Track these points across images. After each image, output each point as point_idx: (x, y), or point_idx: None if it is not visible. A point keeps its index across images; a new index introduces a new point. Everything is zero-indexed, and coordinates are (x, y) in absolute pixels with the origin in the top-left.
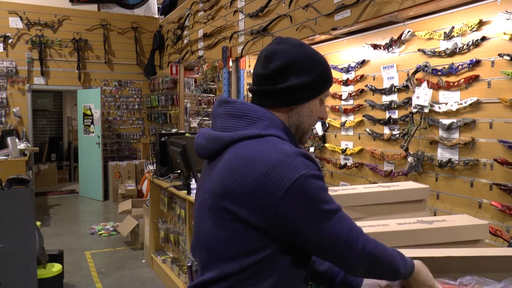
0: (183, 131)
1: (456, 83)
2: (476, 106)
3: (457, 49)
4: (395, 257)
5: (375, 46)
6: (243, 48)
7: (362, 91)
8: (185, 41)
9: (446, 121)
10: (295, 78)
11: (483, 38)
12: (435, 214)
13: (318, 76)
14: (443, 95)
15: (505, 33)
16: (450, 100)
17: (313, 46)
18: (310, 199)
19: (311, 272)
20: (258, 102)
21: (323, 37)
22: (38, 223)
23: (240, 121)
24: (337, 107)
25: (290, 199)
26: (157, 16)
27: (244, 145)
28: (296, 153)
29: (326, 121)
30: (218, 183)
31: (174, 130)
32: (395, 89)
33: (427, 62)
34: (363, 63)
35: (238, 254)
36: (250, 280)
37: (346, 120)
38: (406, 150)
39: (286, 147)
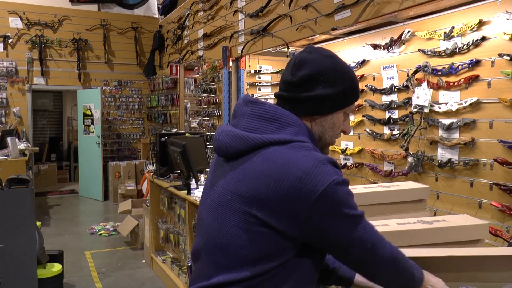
0: (183, 131)
1: (456, 83)
2: (476, 106)
3: (457, 49)
4: (411, 263)
5: (375, 46)
6: (243, 48)
7: (362, 91)
8: (185, 41)
9: (446, 121)
10: (321, 88)
11: (483, 38)
12: (435, 214)
13: (345, 89)
14: (443, 95)
15: (505, 33)
16: (450, 100)
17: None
18: (340, 204)
19: None
20: (283, 106)
21: (323, 37)
22: (38, 223)
23: (269, 124)
24: None
25: (322, 204)
26: (157, 16)
27: (277, 150)
28: (327, 159)
29: None
30: (247, 187)
31: (174, 130)
32: (395, 89)
33: (427, 62)
34: (363, 63)
35: (260, 257)
36: (267, 283)
37: None
38: (406, 150)
39: (319, 154)
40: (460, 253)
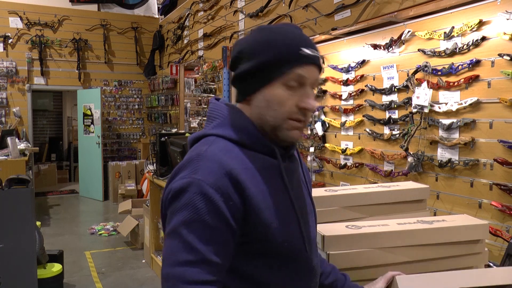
0: (183, 131)
1: (456, 83)
2: (476, 106)
3: (457, 49)
4: None
5: (375, 46)
6: None
7: (362, 91)
8: (185, 41)
9: (446, 121)
10: (240, 66)
11: (483, 38)
12: (435, 214)
13: (266, 59)
14: (443, 95)
15: (505, 33)
16: (450, 100)
17: None
18: (172, 210)
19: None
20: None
21: (323, 37)
22: (38, 223)
23: (207, 122)
24: (337, 107)
25: (169, 204)
26: (157, 16)
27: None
28: (210, 156)
29: (326, 121)
30: None
31: (174, 130)
32: (395, 89)
33: (427, 62)
34: (363, 63)
35: None
36: None
37: (346, 120)
38: (406, 150)
39: (210, 148)
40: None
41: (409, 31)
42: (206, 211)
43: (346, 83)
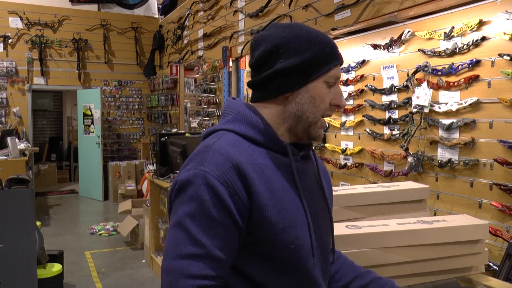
0: (183, 131)
1: (456, 83)
2: (476, 106)
3: (457, 49)
4: None
5: (375, 46)
6: (243, 48)
7: (362, 91)
8: (185, 41)
9: (446, 121)
10: (282, 61)
11: (483, 38)
12: (435, 214)
13: (313, 55)
14: (443, 95)
15: (505, 33)
16: (450, 100)
17: None
18: (178, 200)
19: None
20: (253, 96)
21: None
22: (38, 223)
23: (221, 120)
24: None
25: (175, 196)
26: (157, 16)
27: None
28: (219, 148)
29: (326, 121)
30: None
31: (174, 130)
32: (395, 89)
33: (427, 62)
34: (363, 63)
35: None
36: None
37: (346, 120)
38: (406, 150)
39: (219, 141)
40: None
41: (409, 31)
42: (211, 204)
43: (346, 83)
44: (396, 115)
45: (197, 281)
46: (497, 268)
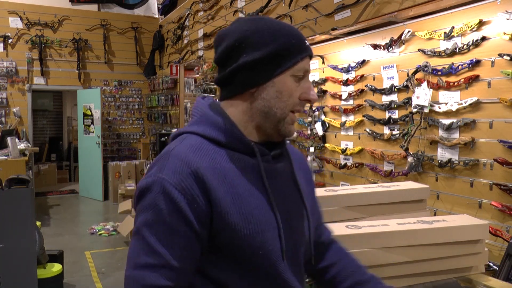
0: None
1: (456, 83)
2: (476, 106)
3: (457, 49)
4: None
5: (375, 46)
6: None
7: (362, 91)
8: (185, 41)
9: (446, 121)
10: (245, 56)
11: (483, 38)
12: (435, 214)
13: (278, 48)
14: (443, 95)
15: (505, 33)
16: (450, 100)
17: (313, 47)
18: (139, 207)
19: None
20: (221, 94)
21: (323, 37)
22: (38, 223)
23: (189, 121)
24: (337, 107)
25: (136, 202)
26: (157, 16)
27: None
28: (177, 154)
29: (326, 121)
30: None
31: (174, 130)
32: (395, 89)
33: (427, 62)
34: (363, 63)
35: None
36: None
37: (346, 120)
38: (406, 150)
39: (180, 146)
40: None
41: (409, 31)
42: (168, 212)
43: (346, 83)
44: (396, 115)
45: None
46: (497, 268)
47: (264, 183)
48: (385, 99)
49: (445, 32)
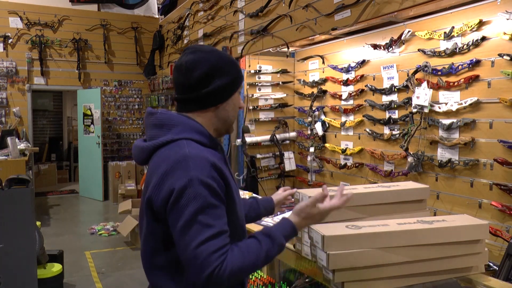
0: None
1: (456, 83)
2: (476, 106)
3: (457, 49)
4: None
5: (375, 46)
6: (243, 48)
7: (362, 91)
8: (185, 41)
9: (446, 121)
10: (217, 80)
11: (483, 38)
12: (435, 214)
13: (236, 74)
14: (443, 95)
15: (505, 33)
16: (450, 100)
17: (313, 46)
18: (186, 201)
19: None
20: (183, 108)
21: (323, 37)
22: (38, 223)
23: (160, 130)
24: (337, 107)
25: (174, 198)
26: (157, 16)
27: (161, 152)
28: (195, 154)
29: (326, 121)
30: (148, 188)
31: None
32: (395, 89)
33: (427, 62)
34: (363, 63)
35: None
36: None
37: (346, 120)
38: (406, 150)
39: (191, 149)
40: None
41: (409, 31)
42: (210, 196)
43: (346, 83)
44: (396, 115)
45: (221, 251)
46: (497, 268)
47: (230, 171)
48: (385, 99)
49: (445, 32)
